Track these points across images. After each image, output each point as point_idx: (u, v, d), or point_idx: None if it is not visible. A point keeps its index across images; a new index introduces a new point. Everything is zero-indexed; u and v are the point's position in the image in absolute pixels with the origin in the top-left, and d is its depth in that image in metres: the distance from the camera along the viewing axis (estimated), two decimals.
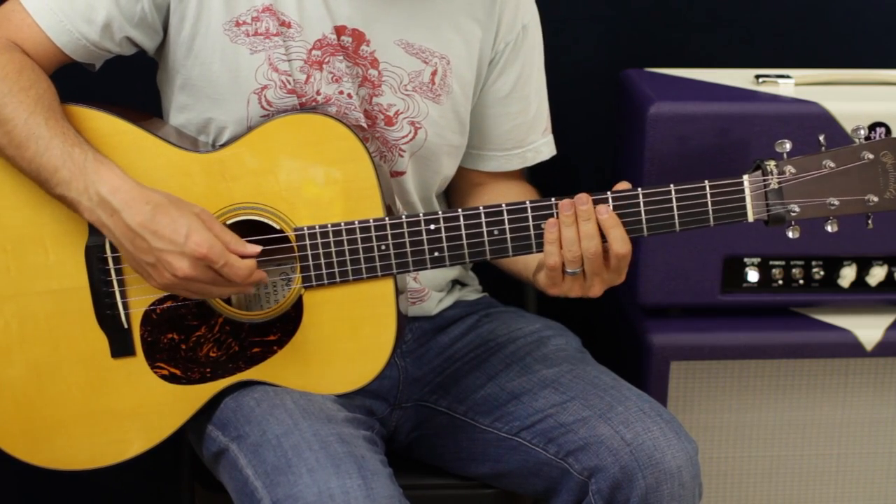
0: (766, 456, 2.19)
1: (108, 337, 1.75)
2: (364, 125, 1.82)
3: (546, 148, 1.99)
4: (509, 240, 1.70)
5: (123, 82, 2.06)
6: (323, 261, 1.72)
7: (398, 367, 1.92)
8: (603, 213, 1.66)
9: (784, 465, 2.20)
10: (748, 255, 2.12)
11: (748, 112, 2.05)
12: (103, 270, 1.73)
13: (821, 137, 1.68)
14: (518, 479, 1.86)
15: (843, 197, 1.67)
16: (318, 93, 1.79)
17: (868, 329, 2.13)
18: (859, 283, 2.15)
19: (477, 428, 1.87)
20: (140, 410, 1.77)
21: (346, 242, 1.71)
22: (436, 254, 1.71)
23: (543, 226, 1.68)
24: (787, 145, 1.67)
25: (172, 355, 1.76)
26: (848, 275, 2.13)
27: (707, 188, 1.67)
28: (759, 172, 1.68)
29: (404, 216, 1.71)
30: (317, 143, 1.71)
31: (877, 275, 2.14)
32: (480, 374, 1.90)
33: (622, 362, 2.12)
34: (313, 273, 1.72)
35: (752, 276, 2.12)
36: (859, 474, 2.20)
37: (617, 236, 1.66)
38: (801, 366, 2.15)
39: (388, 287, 1.72)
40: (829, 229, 1.69)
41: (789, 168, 1.67)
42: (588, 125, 2.39)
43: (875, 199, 1.67)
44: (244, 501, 1.69)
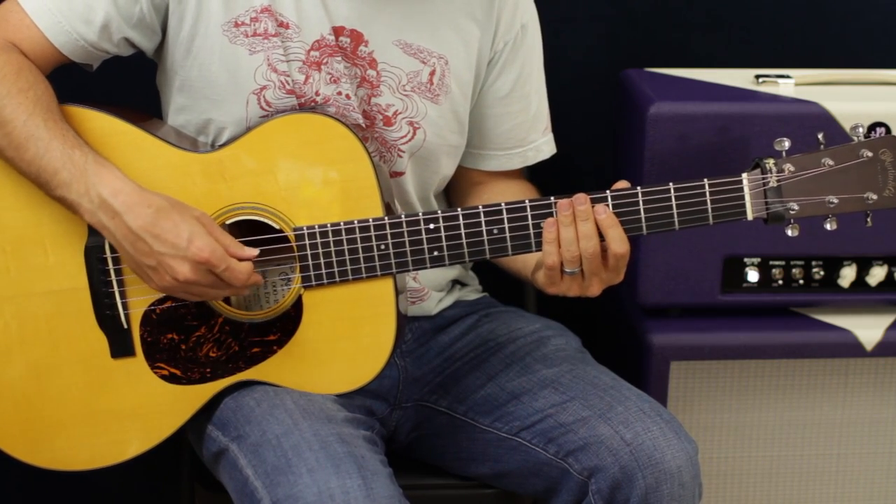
0: (766, 456, 2.19)
1: (108, 337, 1.75)
2: (363, 125, 1.82)
3: (546, 147, 1.99)
4: (508, 239, 1.70)
5: (123, 83, 2.07)
6: (322, 260, 1.72)
7: (398, 367, 1.92)
8: (601, 213, 1.66)
9: (784, 465, 2.19)
10: (748, 255, 2.12)
11: (748, 112, 2.05)
12: (103, 271, 1.73)
13: (820, 136, 1.68)
14: (518, 479, 1.86)
15: (842, 195, 1.67)
16: (317, 93, 1.79)
17: (868, 329, 2.13)
18: (859, 283, 2.15)
19: (477, 428, 1.87)
20: (140, 411, 1.77)
21: (346, 242, 1.71)
22: (435, 253, 1.71)
23: (542, 225, 1.68)
24: (786, 143, 1.67)
25: (172, 355, 1.76)
26: (848, 275, 2.13)
27: (706, 186, 1.67)
28: (758, 171, 1.68)
29: (403, 216, 1.70)
30: (316, 142, 1.71)
31: (877, 275, 2.13)
32: (480, 373, 1.90)
33: (622, 362, 2.12)
34: (313, 273, 1.72)
35: (752, 276, 2.12)
36: (859, 474, 2.20)
37: (615, 236, 1.66)
38: (801, 366, 2.15)
39: (387, 286, 1.72)
40: (828, 227, 1.69)
41: (788, 166, 1.67)
42: (588, 125, 2.39)
43: (874, 196, 1.67)
44: (244, 501, 1.68)
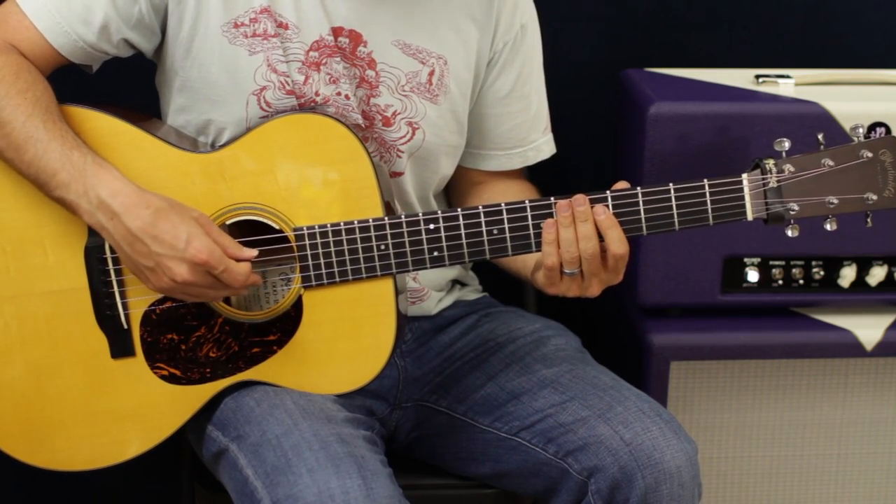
0: (766, 456, 2.19)
1: (108, 337, 1.75)
2: (362, 126, 1.82)
3: (547, 146, 1.99)
4: (508, 239, 1.70)
5: (123, 83, 2.06)
6: (322, 261, 1.72)
7: (398, 367, 1.92)
8: (600, 214, 1.66)
9: (784, 465, 2.19)
10: (748, 255, 2.12)
11: (748, 112, 2.05)
12: (103, 271, 1.73)
13: (819, 136, 1.68)
14: (518, 479, 1.86)
15: (842, 195, 1.67)
16: (317, 94, 1.79)
17: (868, 329, 2.13)
18: (859, 283, 2.15)
19: (477, 428, 1.87)
20: (140, 411, 1.77)
21: (346, 242, 1.71)
22: (435, 253, 1.71)
23: (542, 226, 1.68)
24: (786, 144, 1.67)
25: (172, 355, 1.76)
26: (848, 275, 2.13)
27: (706, 187, 1.67)
28: (758, 171, 1.68)
29: (403, 216, 1.70)
30: (316, 142, 1.71)
31: (877, 275, 2.13)
32: (480, 373, 1.90)
33: (622, 362, 2.12)
34: (313, 273, 1.72)
35: (752, 276, 2.12)
36: (859, 474, 2.20)
37: (614, 237, 1.66)
38: (801, 366, 2.15)
39: (387, 287, 1.72)
40: (828, 227, 1.69)
41: (788, 167, 1.67)
42: (588, 125, 2.39)
43: (874, 197, 1.67)
44: (244, 501, 1.68)
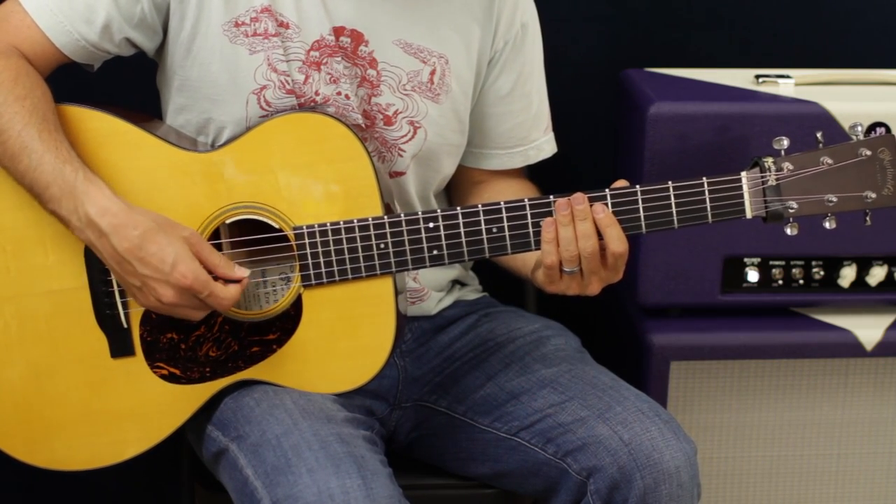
0: (766, 456, 2.19)
1: (108, 337, 1.75)
2: (363, 126, 1.82)
3: (548, 145, 1.99)
4: (508, 238, 1.70)
5: (123, 83, 2.07)
6: (322, 259, 1.72)
7: (398, 367, 1.92)
8: (599, 213, 1.66)
9: (784, 465, 2.19)
10: (748, 255, 2.12)
11: (748, 112, 2.04)
12: (103, 270, 1.73)
13: (818, 135, 1.68)
14: (517, 479, 1.86)
15: (841, 193, 1.67)
16: (317, 93, 1.79)
17: (868, 329, 2.13)
18: (859, 283, 2.14)
19: (476, 428, 1.87)
20: (139, 410, 1.77)
21: (345, 241, 1.71)
22: (435, 252, 1.71)
23: (541, 224, 1.68)
24: (785, 142, 1.67)
25: (172, 355, 1.76)
26: (848, 275, 2.13)
27: (705, 185, 1.67)
28: (756, 169, 1.68)
29: (403, 215, 1.71)
30: (316, 141, 1.71)
31: (877, 275, 2.13)
32: (480, 373, 1.90)
33: (622, 362, 2.12)
34: (312, 272, 1.72)
35: (752, 276, 2.12)
36: (859, 474, 2.20)
37: (614, 235, 1.66)
38: (801, 366, 2.15)
39: (387, 286, 1.72)
40: (827, 226, 1.69)
41: (787, 165, 1.67)
42: (588, 125, 2.39)
43: (873, 195, 1.67)
44: (244, 501, 1.68)
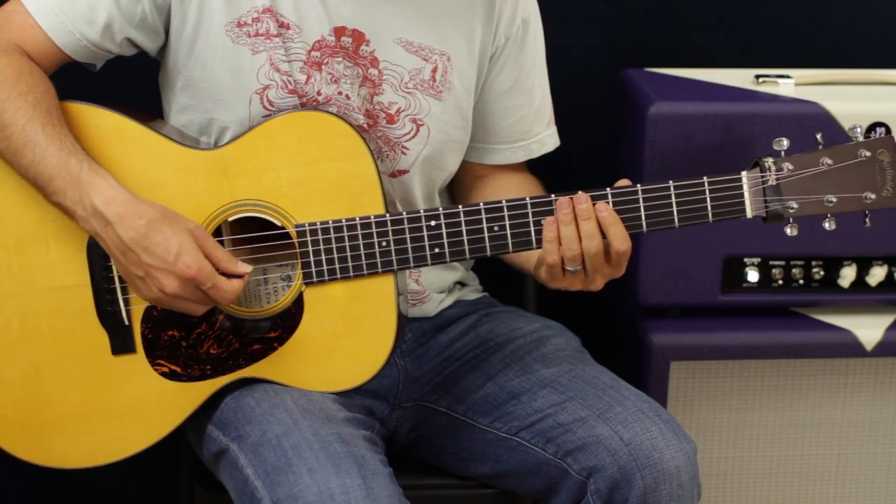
0: (766, 456, 2.19)
1: (109, 334, 1.75)
2: (364, 126, 1.82)
3: (551, 139, 1.99)
4: (509, 236, 1.70)
5: (125, 83, 2.07)
6: (324, 257, 1.72)
7: (398, 367, 1.92)
8: (602, 211, 1.66)
9: (784, 465, 2.19)
10: (748, 255, 2.12)
11: (748, 112, 2.05)
12: (105, 267, 1.73)
13: (818, 136, 1.68)
14: (517, 479, 1.86)
15: (841, 194, 1.67)
16: (319, 93, 1.79)
17: (868, 329, 2.13)
18: (859, 283, 2.15)
19: (476, 428, 1.87)
20: (140, 408, 1.77)
21: (347, 239, 1.71)
22: (436, 250, 1.71)
23: (542, 223, 1.68)
24: (785, 143, 1.67)
25: (173, 352, 1.76)
26: (848, 275, 2.13)
27: (706, 184, 1.68)
28: (757, 169, 1.68)
29: (405, 213, 1.71)
30: (318, 139, 1.71)
31: (877, 275, 2.13)
32: (480, 373, 1.90)
33: (622, 362, 2.12)
34: (314, 269, 1.72)
35: (752, 276, 2.12)
36: (859, 474, 2.20)
37: (617, 234, 1.66)
38: (801, 366, 2.15)
39: (388, 284, 1.72)
40: (826, 227, 1.69)
41: (787, 165, 1.67)
42: (588, 125, 2.39)
43: (872, 196, 1.67)
44: (244, 501, 1.68)
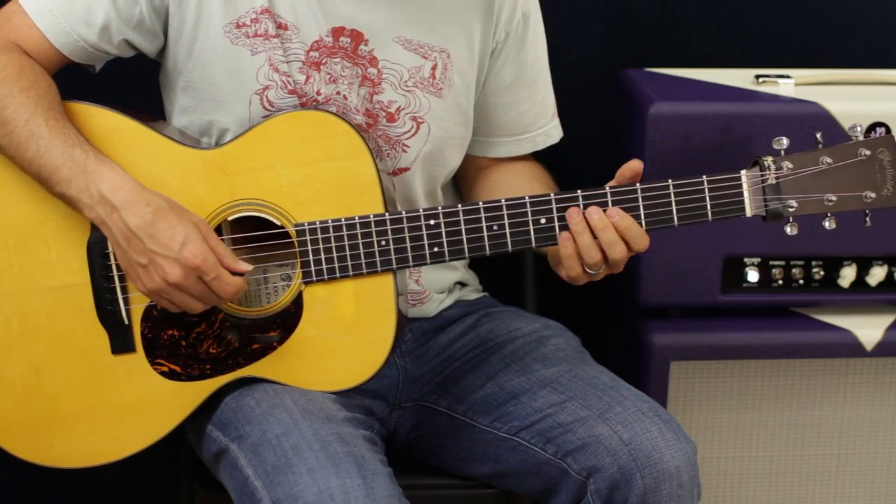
0: (766, 456, 2.19)
1: (109, 333, 1.75)
2: (365, 125, 1.82)
3: (555, 131, 1.99)
4: (508, 235, 1.70)
5: (124, 83, 2.06)
6: (323, 256, 1.72)
7: (398, 367, 1.92)
8: (615, 216, 1.66)
9: (784, 465, 2.19)
10: (748, 255, 2.12)
11: (748, 112, 2.05)
12: (105, 266, 1.74)
13: (818, 135, 1.68)
14: (517, 479, 1.86)
15: (841, 193, 1.67)
16: (318, 93, 1.80)
17: (868, 329, 2.13)
18: (859, 283, 2.15)
19: (476, 428, 1.87)
20: (139, 407, 1.77)
21: (346, 238, 1.71)
22: (435, 249, 1.71)
23: (559, 238, 1.68)
24: (785, 142, 1.67)
25: (172, 352, 1.76)
26: (848, 275, 2.13)
27: (705, 183, 1.67)
28: (756, 168, 1.68)
29: (404, 212, 1.71)
30: (317, 139, 1.71)
31: (877, 275, 2.13)
32: (480, 373, 1.90)
33: (622, 362, 2.12)
34: (313, 269, 1.72)
35: (752, 276, 2.12)
36: (859, 474, 2.20)
37: (636, 235, 1.66)
38: (801, 366, 2.15)
39: (387, 283, 1.72)
40: (826, 226, 1.69)
41: (787, 164, 1.67)
42: (588, 125, 2.39)
43: (872, 195, 1.67)
44: (244, 501, 1.68)
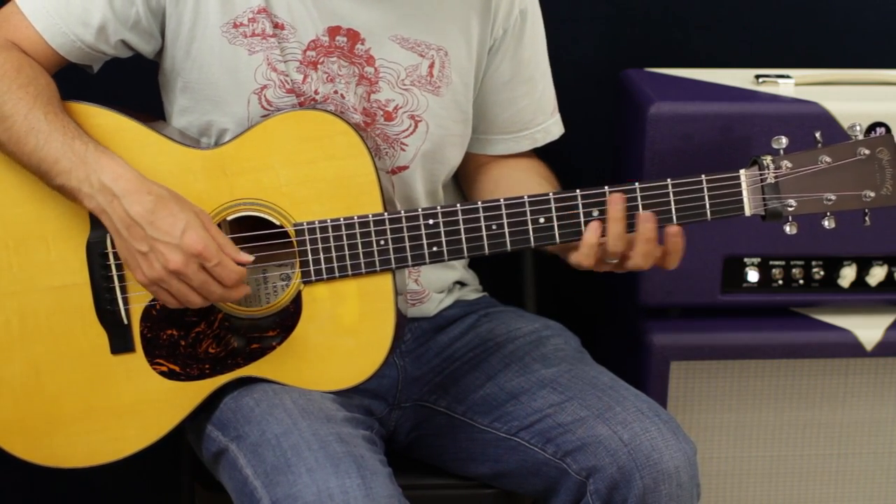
0: (766, 456, 2.19)
1: (108, 333, 1.75)
2: (362, 124, 1.82)
3: (555, 127, 1.98)
4: (507, 234, 1.70)
5: (124, 83, 2.06)
6: (322, 256, 1.72)
7: (397, 367, 1.92)
8: (675, 235, 1.68)
9: (784, 465, 2.19)
10: (748, 255, 2.12)
11: (748, 112, 2.05)
12: (104, 266, 1.74)
13: (817, 134, 1.68)
14: (517, 479, 1.86)
15: (840, 192, 1.67)
16: (316, 92, 1.80)
17: (868, 329, 2.13)
18: (859, 283, 2.15)
19: (476, 428, 1.87)
20: (139, 407, 1.77)
21: (346, 237, 1.71)
22: (434, 249, 1.71)
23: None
24: (784, 141, 1.67)
25: (172, 351, 1.76)
26: (848, 275, 2.13)
27: (704, 182, 1.68)
28: (755, 167, 1.68)
29: (403, 211, 1.71)
30: (316, 138, 1.72)
31: (877, 275, 2.13)
32: (479, 373, 1.90)
33: (622, 362, 2.12)
34: (312, 268, 1.72)
35: (752, 276, 2.12)
36: (859, 474, 2.20)
37: (673, 262, 1.71)
38: (801, 366, 2.15)
39: (386, 282, 1.72)
40: (826, 225, 1.69)
41: (786, 163, 1.67)
42: (588, 125, 2.38)
43: (871, 194, 1.67)
44: (244, 501, 1.68)
